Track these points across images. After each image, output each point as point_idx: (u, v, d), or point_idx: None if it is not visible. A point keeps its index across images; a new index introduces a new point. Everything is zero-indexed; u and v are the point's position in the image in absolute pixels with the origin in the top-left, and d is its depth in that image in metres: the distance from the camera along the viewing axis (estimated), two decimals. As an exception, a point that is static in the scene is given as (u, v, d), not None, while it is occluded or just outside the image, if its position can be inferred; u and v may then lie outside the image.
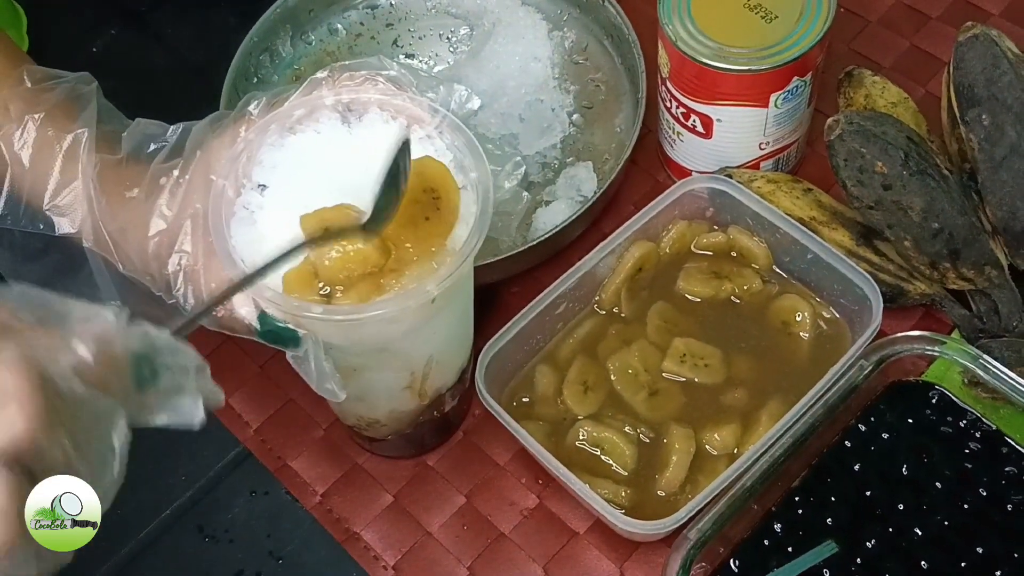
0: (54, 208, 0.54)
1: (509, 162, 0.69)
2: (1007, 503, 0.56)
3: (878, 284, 0.62)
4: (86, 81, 0.57)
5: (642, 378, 0.60)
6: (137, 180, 0.55)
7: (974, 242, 0.60)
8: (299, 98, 0.54)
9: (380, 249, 0.48)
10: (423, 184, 0.50)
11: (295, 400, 0.66)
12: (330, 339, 0.50)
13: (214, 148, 0.54)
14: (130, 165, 0.55)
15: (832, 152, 0.60)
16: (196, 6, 0.84)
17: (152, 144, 0.56)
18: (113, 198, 0.54)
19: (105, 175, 0.54)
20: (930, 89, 0.72)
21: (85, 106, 0.55)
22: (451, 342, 0.57)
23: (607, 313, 0.64)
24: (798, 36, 0.61)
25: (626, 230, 0.63)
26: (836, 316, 0.63)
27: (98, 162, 0.54)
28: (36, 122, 0.54)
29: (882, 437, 0.58)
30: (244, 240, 0.50)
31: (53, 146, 0.54)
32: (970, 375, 0.58)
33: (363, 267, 0.48)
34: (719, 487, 0.55)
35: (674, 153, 0.69)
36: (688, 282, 0.64)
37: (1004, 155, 0.59)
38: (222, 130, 0.55)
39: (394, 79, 0.55)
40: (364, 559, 0.60)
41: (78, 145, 0.54)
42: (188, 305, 0.53)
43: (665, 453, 0.58)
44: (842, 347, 0.61)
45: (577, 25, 0.76)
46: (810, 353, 0.62)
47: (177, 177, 0.54)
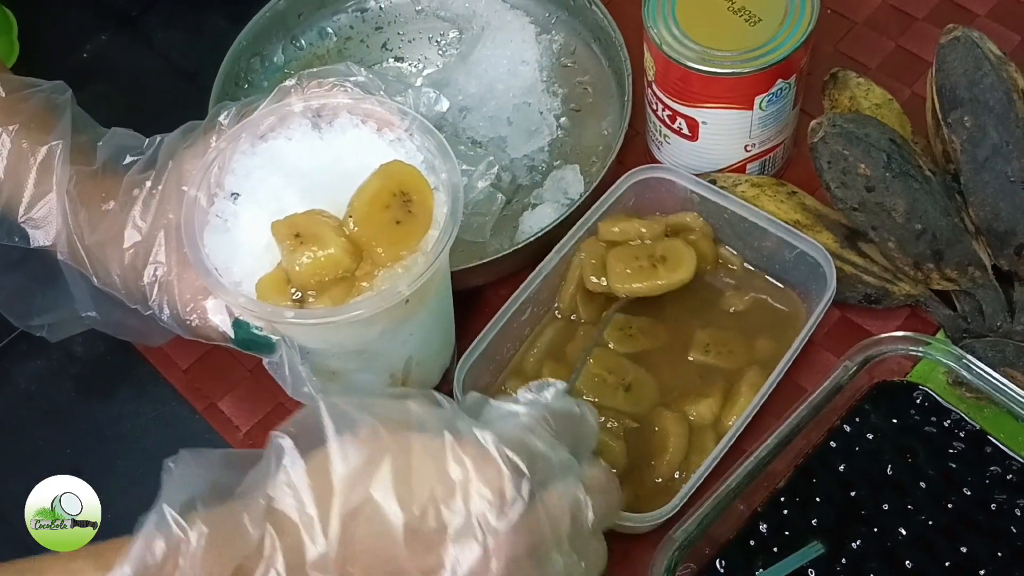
0: (29, 221, 0.55)
1: (482, 162, 0.69)
2: (991, 503, 0.56)
3: (863, 286, 0.63)
4: (60, 90, 0.57)
5: (611, 380, 0.61)
6: (113, 192, 0.55)
7: (957, 243, 0.60)
8: (269, 106, 0.55)
9: (351, 254, 0.49)
10: (395, 188, 0.50)
11: (284, 404, 0.66)
12: (306, 343, 0.51)
13: (186, 158, 0.54)
14: (107, 176, 0.55)
15: (815, 155, 0.60)
16: (187, 10, 0.85)
17: (128, 156, 0.56)
18: (91, 210, 0.55)
19: (82, 186, 0.55)
20: (916, 90, 0.72)
21: (60, 117, 0.56)
22: (430, 343, 0.57)
23: (566, 319, 0.64)
24: (781, 39, 0.61)
25: (577, 231, 0.63)
26: (792, 290, 0.64)
27: (74, 174, 0.55)
28: (11, 134, 0.55)
29: (867, 437, 0.58)
30: (218, 248, 0.51)
31: (28, 158, 0.54)
32: (954, 375, 0.58)
33: (335, 272, 0.48)
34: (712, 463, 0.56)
35: (661, 155, 0.70)
36: (616, 270, 0.62)
37: (986, 156, 0.59)
38: (193, 140, 0.55)
39: (362, 84, 0.55)
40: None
41: (52, 157, 0.54)
42: (164, 316, 0.53)
43: (659, 439, 0.59)
44: (799, 318, 0.62)
45: (565, 28, 0.77)
46: (771, 328, 0.63)
47: (150, 188, 0.54)
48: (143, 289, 0.53)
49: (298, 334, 0.50)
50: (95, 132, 0.57)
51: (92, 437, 0.66)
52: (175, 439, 0.66)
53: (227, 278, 0.50)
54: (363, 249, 0.49)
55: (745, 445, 0.57)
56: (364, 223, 0.49)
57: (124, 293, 0.54)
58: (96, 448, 0.66)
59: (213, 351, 0.67)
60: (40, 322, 0.59)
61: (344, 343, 0.52)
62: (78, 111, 0.57)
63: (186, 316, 0.53)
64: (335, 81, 0.55)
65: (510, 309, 0.61)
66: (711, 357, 0.62)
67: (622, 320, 0.63)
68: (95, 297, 0.56)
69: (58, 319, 0.58)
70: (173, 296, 0.52)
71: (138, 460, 0.65)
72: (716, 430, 0.60)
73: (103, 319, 0.57)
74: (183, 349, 0.68)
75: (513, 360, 0.63)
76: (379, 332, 0.51)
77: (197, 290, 0.52)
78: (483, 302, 0.67)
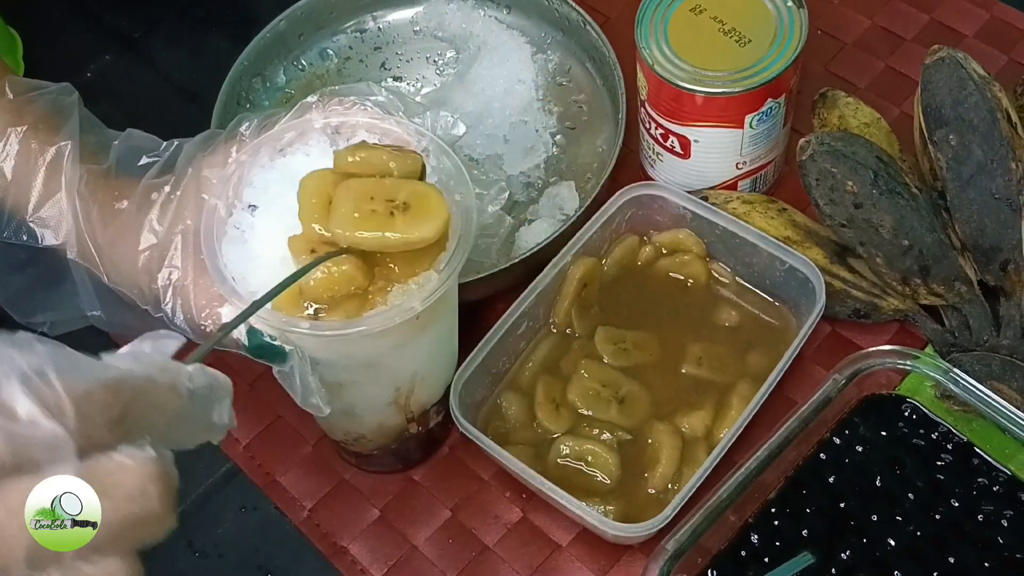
0: (37, 220, 0.55)
1: (494, 187, 0.71)
2: (978, 514, 0.57)
3: (852, 300, 0.64)
4: (67, 92, 0.57)
5: (605, 393, 0.62)
6: (126, 192, 0.55)
7: (943, 258, 0.61)
8: (289, 121, 0.56)
9: (364, 271, 0.50)
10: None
11: (283, 417, 0.67)
12: (317, 354, 0.52)
13: (206, 166, 0.55)
14: (120, 177, 0.56)
15: (804, 172, 0.62)
16: (189, 32, 0.86)
17: (144, 157, 0.57)
18: (103, 208, 0.55)
19: (94, 185, 0.55)
20: (904, 109, 0.74)
21: (67, 118, 0.56)
22: (436, 359, 0.58)
23: (561, 333, 0.65)
24: (771, 59, 0.62)
25: (572, 246, 0.64)
26: (783, 304, 0.65)
27: (84, 173, 0.55)
28: (19, 135, 0.55)
29: (856, 449, 0.59)
30: (235, 259, 0.52)
31: (36, 158, 0.55)
32: (942, 388, 0.59)
33: (347, 288, 0.49)
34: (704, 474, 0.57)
35: (654, 172, 0.71)
36: (341, 209, 0.49)
37: (971, 174, 0.60)
38: (214, 149, 0.56)
39: (382, 104, 0.56)
40: (351, 573, 0.62)
41: (61, 157, 0.55)
42: (176, 319, 0.54)
43: (653, 451, 0.60)
44: (790, 333, 0.63)
45: (560, 48, 0.78)
46: (762, 341, 0.64)
47: (168, 193, 0.55)
48: (156, 292, 0.54)
49: (311, 345, 0.51)
50: (103, 133, 0.58)
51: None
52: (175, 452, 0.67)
53: (243, 289, 0.50)
54: (377, 265, 0.50)
55: (736, 457, 0.58)
56: None
57: (136, 293, 0.55)
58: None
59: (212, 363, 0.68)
60: (43, 319, 0.60)
61: (355, 355, 0.53)
62: (85, 112, 0.57)
63: (201, 321, 0.53)
64: (355, 99, 0.56)
65: (506, 323, 0.62)
66: (703, 370, 0.63)
67: (616, 334, 0.64)
68: (102, 297, 0.56)
69: (61, 318, 0.59)
70: (188, 301, 0.53)
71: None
72: (708, 442, 0.60)
73: (108, 319, 0.58)
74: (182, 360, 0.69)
75: (509, 374, 0.64)
76: (389, 346, 0.52)
77: (213, 296, 0.53)
78: (479, 316, 0.68)
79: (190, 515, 0.64)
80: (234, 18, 0.86)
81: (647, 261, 0.67)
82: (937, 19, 0.78)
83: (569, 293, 0.64)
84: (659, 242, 0.67)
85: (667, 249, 0.67)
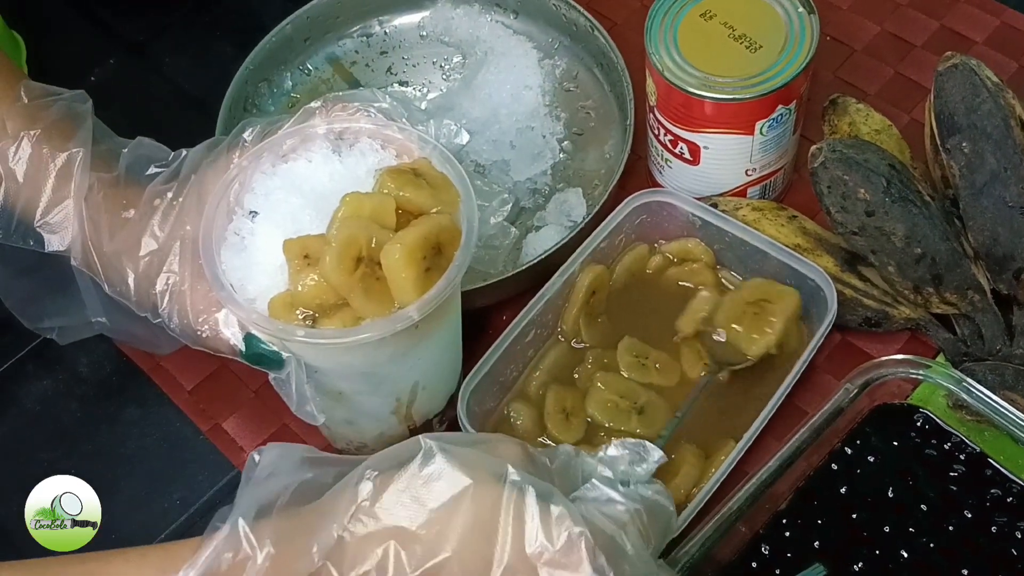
0: (45, 225, 0.55)
1: (496, 198, 0.70)
2: (991, 525, 0.56)
3: (863, 309, 0.63)
4: (81, 100, 0.58)
5: (624, 404, 0.61)
6: (134, 200, 0.55)
7: (956, 267, 0.61)
8: (292, 127, 0.55)
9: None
10: (433, 242, 0.50)
11: (288, 425, 0.66)
12: (315, 362, 0.51)
13: (208, 173, 0.55)
14: (128, 185, 0.56)
15: (815, 179, 0.61)
16: (195, 37, 0.86)
17: (153, 166, 0.57)
18: (112, 217, 0.55)
19: (104, 194, 0.55)
20: (915, 116, 0.73)
21: (80, 125, 0.56)
22: (438, 369, 0.58)
23: (569, 342, 0.64)
24: (782, 66, 0.62)
25: (580, 254, 0.64)
26: None
27: (95, 181, 0.55)
28: (32, 139, 0.55)
29: (868, 460, 0.59)
30: (234, 266, 0.51)
31: (47, 164, 0.55)
32: (954, 398, 0.59)
33: (336, 297, 0.49)
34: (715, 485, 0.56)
35: (663, 179, 0.70)
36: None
37: (984, 182, 0.60)
38: (216, 156, 0.56)
39: (385, 111, 0.56)
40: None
41: (72, 164, 0.55)
42: (173, 325, 0.54)
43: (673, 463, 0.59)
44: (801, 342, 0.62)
45: (568, 54, 0.78)
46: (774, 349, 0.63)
47: (171, 199, 0.55)
48: (154, 298, 0.54)
49: (308, 353, 0.51)
50: (113, 142, 0.58)
51: (97, 458, 0.66)
52: (180, 459, 0.66)
53: (241, 295, 0.50)
54: None
55: (747, 467, 0.58)
56: None
57: (135, 301, 0.55)
58: (101, 468, 0.66)
59: (218, 372, 0.68)
60: (51, 325, 0.60)
61: (353, 365, 0.52)
62: (97, 121, 0.57)
63: (197, 327, 0.53)
64: (359, 106, 0.55)
65: (513, 331, 0.61)
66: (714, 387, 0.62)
67: (638, 347, 0.63)
68: (106, 304, 0.56)
69: (69, 324, 0.59)
70: (184, 306, 0.53)
71: (143, 480, 0.65)
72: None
73: (112, 326, 0.58)
74: (189, 370, 0.68)
75: (517, 383, 0.63)
76: (388, 356, 0.52)
77: (210, 302, 0.52)
78: (487, 324, 0.67)
79: (195, 522, 0.64)
80: (240, 23, 0.85)
81: (656, 269, 0.67)
82: (947, 25, 0.78)
83: (578, 301, 0.64)
84: (668, 252, 0.67)
85: (676, 258, 0.67)
